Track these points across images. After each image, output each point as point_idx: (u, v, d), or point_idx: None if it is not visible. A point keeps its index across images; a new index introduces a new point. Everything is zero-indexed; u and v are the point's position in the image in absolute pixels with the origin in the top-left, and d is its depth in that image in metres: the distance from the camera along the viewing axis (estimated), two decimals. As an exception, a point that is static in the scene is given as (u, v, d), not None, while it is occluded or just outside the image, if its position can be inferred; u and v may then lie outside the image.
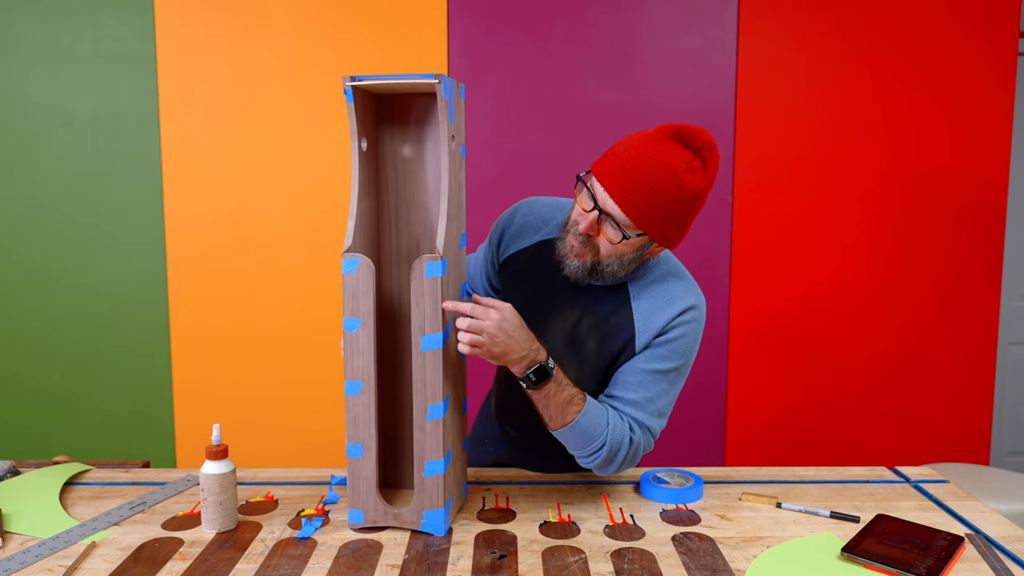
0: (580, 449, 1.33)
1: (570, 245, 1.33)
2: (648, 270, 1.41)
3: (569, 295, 1.40)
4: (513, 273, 1.50)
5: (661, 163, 1.24)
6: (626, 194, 1.24)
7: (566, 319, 1.40)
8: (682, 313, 1.36)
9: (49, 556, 1.19)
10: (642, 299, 1.38)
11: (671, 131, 1.28)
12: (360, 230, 1.29)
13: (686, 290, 1.38)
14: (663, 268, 1.41)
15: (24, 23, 2.50)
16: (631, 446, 1.33)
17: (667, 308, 1.36)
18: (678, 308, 1.36)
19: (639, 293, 1.38)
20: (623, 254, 1.32)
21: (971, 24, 2.54)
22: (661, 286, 1.38)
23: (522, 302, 1.43)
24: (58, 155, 2.55)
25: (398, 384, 1.39)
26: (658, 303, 1.37)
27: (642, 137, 1.29)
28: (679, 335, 1.36)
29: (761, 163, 2.58)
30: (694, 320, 1.37)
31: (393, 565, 1.17)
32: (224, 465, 1.28)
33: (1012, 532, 1.30)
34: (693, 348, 1.39)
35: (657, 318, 1.36)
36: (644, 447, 1.36)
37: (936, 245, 2.62)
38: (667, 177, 1.24)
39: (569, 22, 2.52)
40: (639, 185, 1.24)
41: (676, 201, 1.25)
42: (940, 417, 2.69)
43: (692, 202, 1.28)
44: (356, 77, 1.22)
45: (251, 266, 2.58)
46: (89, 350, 2.61)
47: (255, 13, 2.50)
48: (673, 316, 1.35)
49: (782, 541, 1.26)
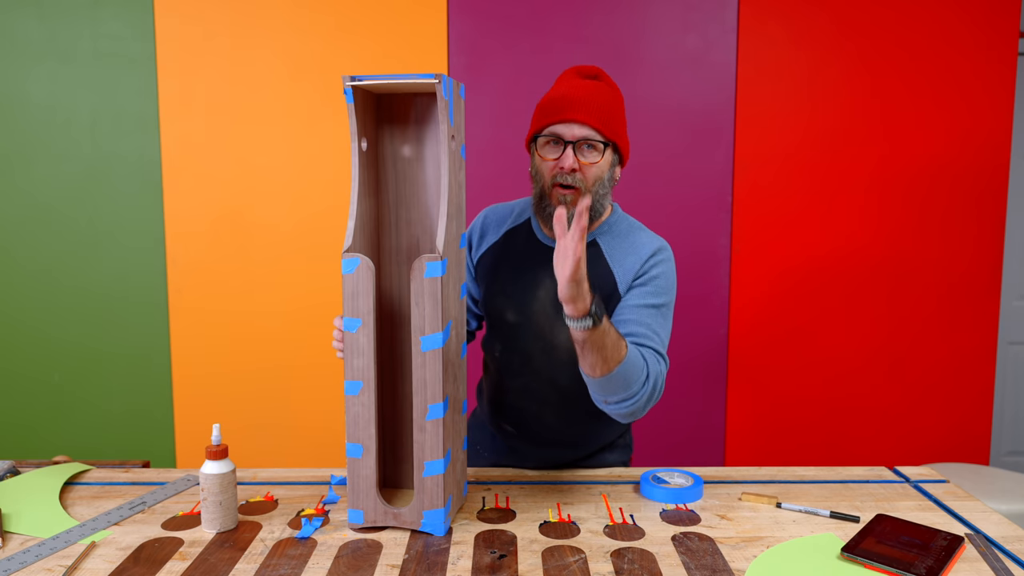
0: (627, 389, 1.28)
1: (560, 196, 1.42)
2: (612, 226, 1.52)
3: (546, 265, 1.47)
4: (489, 266, 1.57)
5: (590, 87, 1.44)
6: (587, 113, 1.40)
7: (549, 288, 1.47)
8: (653, 255, 1.47)
9: (49, 556, 1.19)
10: (615, 251, 1.49)
11: (574, 71, 1.49)
12: (360, 230, 1.29)
13: (651, 238, 1.51)
14: (624, 224, 1.53)
15: (24, 23, 2.50)
16: (661, 376, 1.36)
17: (639, 251, 1.47)
18: (648, 251, 1.47)
19: (610, 246, 1.49)
20: (603, 174, 1.44)
21: (971, 24, 2.54)
22: (629, 238, 1.51)
23: (505, 285, 1.51)
24: (58, 155, 2.55)
25: (398, 384, 1.39)
26: (630, 250, 1.48)
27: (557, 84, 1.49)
28: (659, 272, 1.45)
29: (761, 163, 2.58)
30: (667, 259, 1.48)
31: (393, 565, 1.17)
32: (224, 465, 1.28)
33: (1012, 532, 1.30)
34: (673, 285, 1.48)
35: (631, 260, 1.46)
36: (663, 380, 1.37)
37: (936, 245, 2.62)
38: (601, 92, 1.44)
39: (569, 22, 2.52)
40: (592, 102, 1.41)
41: (617, 103, 1.46)
42: (940, 417, 2.69)
43: (623, 106, 1.48)
44: (356, 77, 1.22)
45: (251, 266, 2.58)
46: (89, 350, 2.61)
47: (255, 13, 2.50)
48: (647, 257, 1.46)
49: (782, 541, 1.26)
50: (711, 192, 2.59)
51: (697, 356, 2.62)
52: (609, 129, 1.42)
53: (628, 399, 1.30)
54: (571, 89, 1.43)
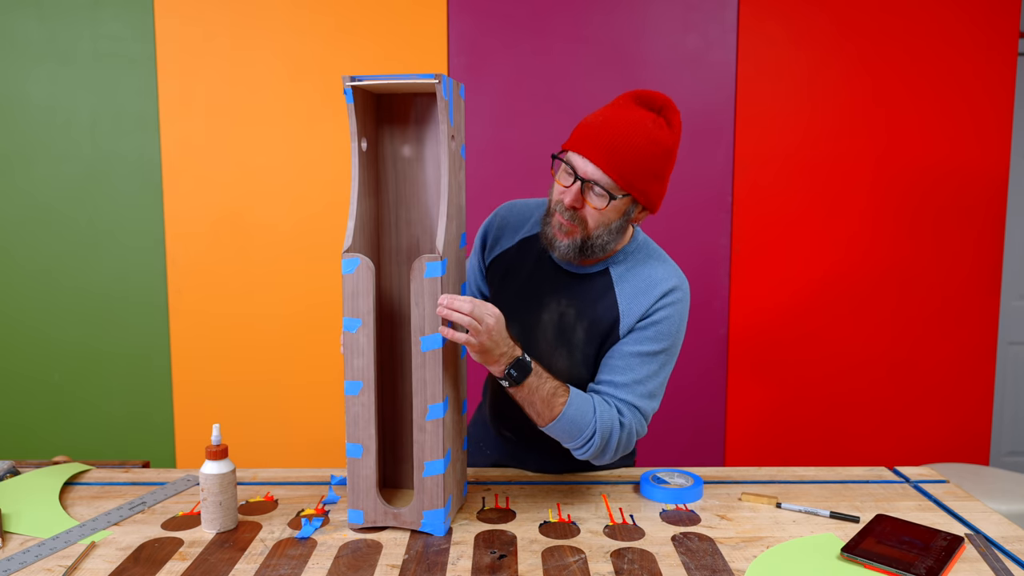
0: (572, 441, 1.34)
1: (558, 224, 1.35)
2: (628, 255, 1.43)
3: (555, 287, 1.43)
4: (499, 273, 1.52)
5: (630, 123, 1.30)
6: (604, 155, 1.28)
7: (553, 311, 1.43)
8: (665, 295, 1.38)
9: (49, 556, 1.19)
10: (625, 283, 1.40)
11: (632, 97, 1.34)
12: (360, 230, 1.29)
13: (668, 272, 1.41)
14: (643, 252, 1.44)
15: (24, 23, 2.50)
16: (622, 430, 1.34)
17: (650, 291, 1.38)
18: (661, 290, 1.38)
19: (622, 277, 1.41)
20: (610, 222, 1.34)
21: (971, 24, 2.54)
22: (643, 269, 1.41)
23: (510, 299, 1.45)
24: (58, 155, 2.55)
25: (398, 384, 1.39)
26: (641, 286, 1.39)
27: (605, 108, 1.35)
28: (664, 316, 1.38)
29: (761, 163, 2.58)
30: (678, 301, 1.39)
31: (393, 565, 1.17)
32: (224, 465, 1.28)
33: (1012, 532, 1.30)
34: (679, 329, 1.41)
35: (641, 301, 1.38)
36: (637, 430, 1.37)
37: (936, 245, 2.62)
38: (639, 134, 1.29)
39: (569, 22, 2.52)
40: (614, 144, 1.28)
41: (652, 155, 1.30)
42: (940, 417, 2.69)
43: (665, 156, 1.32)
44: (356, 77, 1.22)
45: (251, 266, 2.58)
46: (89, 350, 2.61)
47: (255, 13, 2.50)
48: (656, 298, 1.38)
49: (782, 541, 1.26)
50: (711, 192, 2.58)
51: (697, 356, 2.61)
52: (626, 180, 1.29)
53: (576, 449, 1.35)
54: (606, 121, 1.31)
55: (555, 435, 1.34)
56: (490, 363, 1.27)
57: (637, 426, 1.37)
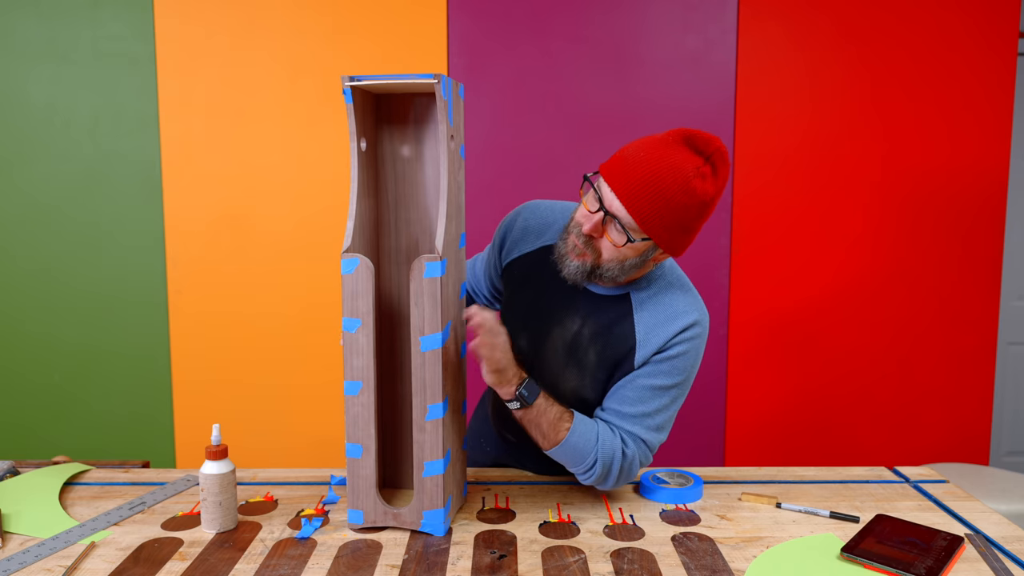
0: (575, 467, 1.35)
1: (572, 244, 1.30)
2: (652, 281, 1.37)
3: (571, 303, 1.39)
4: (515, 278, 1.48)
5: (670, 167, 1.21)
6: (633, 196, 1.21)
7: (567, 327, 1.38)
8: (684, 330, 1.33)
9: (49, 556, 1.19)
10: (645, 311, 1.35)
11: (683, 136, 1.24)
12: (359, 230, 1.29)
13: (689, 305, 1.35)
14: (667, 279, 1.38)
15: (24, 23, 2.50)
16: (624, 460, 1.33)
17: (670, 324, 1.33)
18: (680, 325, 1.32)
19: (642, 304, 1.35)
20: (625, 258, 1.28)
21: (971, 24, 2.54)
22: (664, 298, 1.35)
23: (524, 308, 1.43)
24: (58, 155, 2.55)
25: (398, 384, 1.39)
26: (661, 317, 1.34)
27: (652, 140, 1.26)
28: (681, 352, 1.33)
29: (761, 163, 2.58)
30: (696, 336, 1.34)
31: (393, 565, 1.17)
32: (224, 465, 1.28)
33: (1012, 532, 1.30)
34: (695, 364, 1.37)
35: (659, 333, 1.33)
36: (641, 460, 1.36)
37: (936, 245, 2.62)
38: (676, 181, 1.20)
39: (569, 22, 2.52)
40: (647, 188, 1.21)
41: (684, 206, 1.22)
42: (940, 417, 2.69)
43: (700, 209, 1.24)
44: (355, 77, 1.22)
45: (251, 266, 2.58)
46: (89, 350, 2.61)
47: (255, 13, 2.50)
48: (675, 333, 1.32)
49: (782, 541, 1.26)
50: (711, 193, 2.58)
51: (697, 356, 2.61)
52: (649, 226, 1.23)
53: (579, 474, 1.36)
54: (646, 159, 1.22)
55: (558, 459, 1.35)
56: (502, 384, 1.28)
57: (641, 457, 1.35)
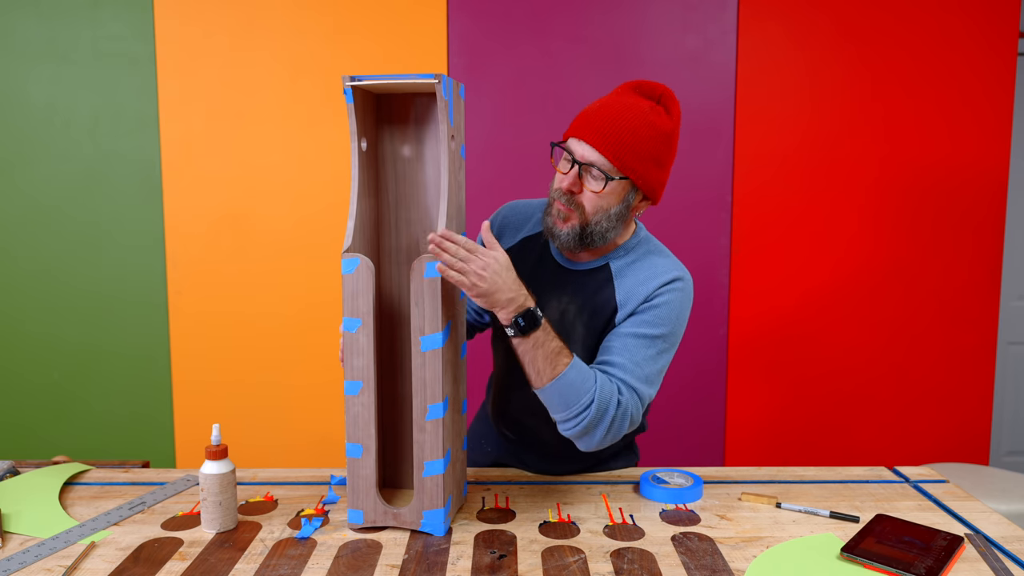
0: (566, 409, 1.28)
1: (556, 211, 1.35)
2: (629, 250, 1.43)
3: (556, 285, 1.43)
4: None
5: (627, 107, 1.32)
6: (601, 137, 1.30)
7: (555, 309, 1.42)
8: (667, 283, 1.37)
9: (49, 556, 1.19)
10: (625, 277, 1.40)
11: (631, 86, 1.36)
12: (360, 230, 1.29)
13: (670, 265, 1.41)
14: (645, 248, 1.44)
15: (24, 23, 2.50)
16: (619, 408, 1.29)
17: (651, 281, 1.38)
18: (663, 280, 1.38)
19: (621, 272, 1.41)
20: (609, 207, 1.34)
21: (971, 24, 2.54)
22: (644, 263, 1.41)
23: None
24: (58, 155, 2.55)
25: (398, 384, 1.39)
26: (641, 277, 1.39)
27: (605, 96, 1.37)
28: (664, 301, 1.37)
29: (761, 163, 2.58)
30: (679, 290, 1.38)
31: (393, 565, 1.17)
32: (224, 465, 1.28)
33: (1012, 532, 1.30)
34: (680, 317, 1.39)
35: (639, 291, 1.38)
36: (632, 413, 1.32)
37: (936, 245, 2.62)
38: (636, 116, 1.31)
39: (569, 22, 2.52)
40: (612, 127, 1.30)
41: (649, 138, 1.31)
42: (940, 417, 2.69)
43: (664, 140, 1.33)
44: (356, 77, 1.22)
45: (251, 266, 2.58)
46: (89, 350, 2.61)
47: (255, 13, 2.50)
48: (659, 285, 1.37)
49: (782, 541, 1.26)
50: (711, 192, 2.59)
51: (697, 356, 2.61)
52: (622, 161, 1.30)
53: (569, 419, 1.29)
54: (603, 107, 1.33)
55: (551, 399, 1.29)
56: (495, 307, 1.24)
57: (633, 409, 1.32)
